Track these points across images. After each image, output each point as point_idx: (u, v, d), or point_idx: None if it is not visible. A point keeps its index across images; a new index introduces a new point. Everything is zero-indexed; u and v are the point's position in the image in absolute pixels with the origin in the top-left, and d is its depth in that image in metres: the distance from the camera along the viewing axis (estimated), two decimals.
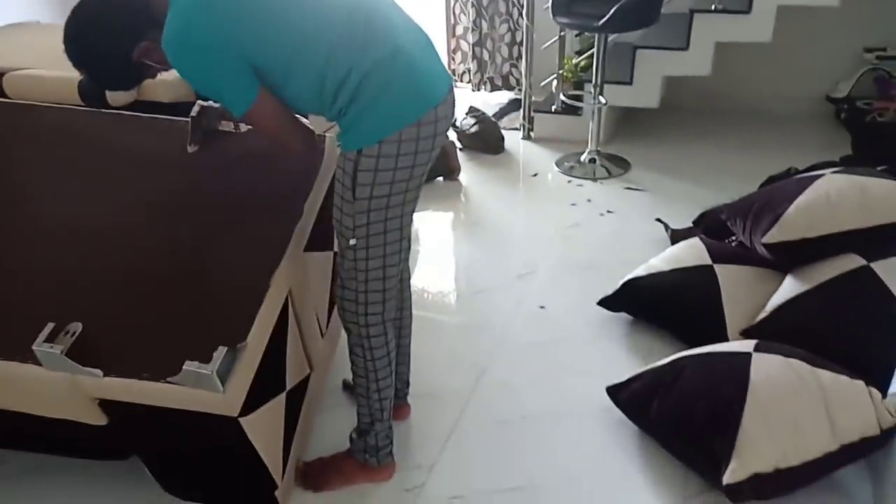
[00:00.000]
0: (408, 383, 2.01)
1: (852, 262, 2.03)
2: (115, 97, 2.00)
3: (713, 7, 3.37)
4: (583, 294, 2.53)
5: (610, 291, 2.41)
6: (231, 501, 1.74)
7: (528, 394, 2.13)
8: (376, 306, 1.62)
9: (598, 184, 3.42)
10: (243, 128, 1.83)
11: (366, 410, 1.74)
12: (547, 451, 1.93)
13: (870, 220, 2.05)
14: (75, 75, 2.01)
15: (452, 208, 3.30)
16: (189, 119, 1.77)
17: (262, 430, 1.54)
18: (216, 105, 1.78)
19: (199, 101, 1.79)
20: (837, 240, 2.06)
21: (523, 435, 1.99)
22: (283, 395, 1.64)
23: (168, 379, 1.34)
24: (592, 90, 3.43)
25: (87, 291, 1.52)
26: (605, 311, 2.42)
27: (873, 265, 1.99)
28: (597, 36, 3.27)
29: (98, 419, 1.49)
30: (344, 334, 1.72)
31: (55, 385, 1.39)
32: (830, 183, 2.16)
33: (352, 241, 1.54)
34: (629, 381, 1.97)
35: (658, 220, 2.95)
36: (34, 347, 1.35)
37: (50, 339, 1.37)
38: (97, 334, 1.40)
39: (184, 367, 1.32)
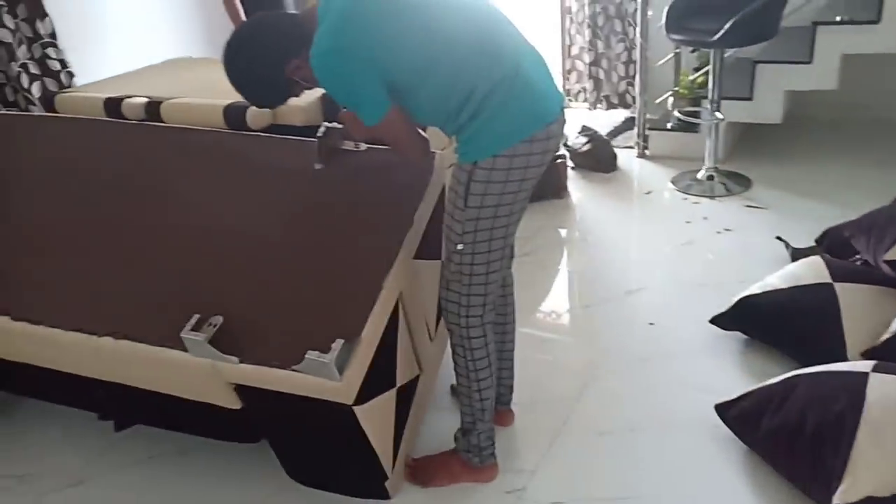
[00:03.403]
0: (511, 389, 2.07)
1: None
2: (254, 120, 2.22)
3: (838, 18, 3.23)
4: (695, 311, 2.49)
5: (724, 309, 2.37)
6: (346, 489, 1.87)
7: (633, 406, 2.14)
8: (477, 309, 1.70)
9: (715, 201, 3.35)
10: (362, 146, 1.99)
11: (468, 410, 1.82)
12: (650, 464, 1.93)
13: None
14: (220, 102, 2.27)
15: (564, 225, 3.34)
16: (316, 139, 1.95)
17: (374, 420, 1.66)
18: (340, 126, 1.96)
19: (325, 123, 1.98)
20: None
21: (626, 446, 2.00)
22: (393, 391, 1.76)
23: (292, 367, 1.49)
24: (709, 106, 3.38)
25: (227, 287, 1.71)
26: (717, 329, 2.38)
27: None
28: (712, 51, 3.23)
29: (234, 403, 1.67)
30: None
31: (199, 370, 1.58)
32: None
33: (459, 246, 1.64)
34: (739, 398, 1.93)
35: (778, 238, 2.85)
36: (182, 335, 1.54)
37: (196, 328, 1.56)
38: (234, 326, 1.58)
39: (306, 356, 1.46)
